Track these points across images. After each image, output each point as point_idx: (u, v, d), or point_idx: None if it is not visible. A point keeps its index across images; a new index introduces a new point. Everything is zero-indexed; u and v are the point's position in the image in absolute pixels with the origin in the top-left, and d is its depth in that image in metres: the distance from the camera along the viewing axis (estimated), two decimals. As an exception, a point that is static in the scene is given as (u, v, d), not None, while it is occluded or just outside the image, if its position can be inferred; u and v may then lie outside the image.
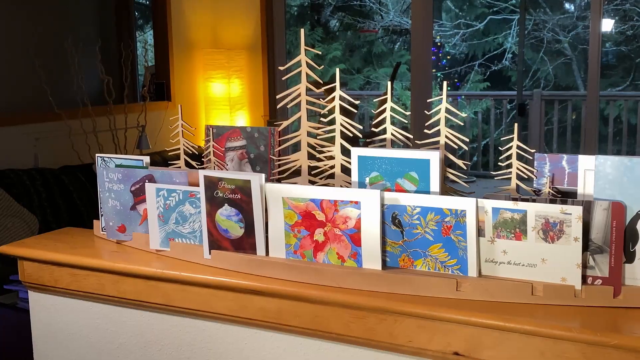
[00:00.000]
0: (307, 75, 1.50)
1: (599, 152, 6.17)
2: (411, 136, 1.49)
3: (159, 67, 4.98)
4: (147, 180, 1.56)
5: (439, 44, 10.00)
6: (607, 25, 8.72)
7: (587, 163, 1.29)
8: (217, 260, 1.46)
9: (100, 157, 1.67)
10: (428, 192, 1.34)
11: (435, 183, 1.34)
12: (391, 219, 1.33)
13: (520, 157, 1.37)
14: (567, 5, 9.69)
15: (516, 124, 1.46)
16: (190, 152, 1.64)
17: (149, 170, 1.57)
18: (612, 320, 1.15)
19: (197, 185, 1.47)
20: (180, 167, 1.65)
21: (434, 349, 1.24)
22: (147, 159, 1.61)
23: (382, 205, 1.32)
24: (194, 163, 1.63)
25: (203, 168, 1.60)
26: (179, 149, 1.64)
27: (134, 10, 5.27)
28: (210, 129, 1.66)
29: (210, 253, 1.47)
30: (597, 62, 4.76)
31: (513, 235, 1.25)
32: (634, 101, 7.65)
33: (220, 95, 5.16)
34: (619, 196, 1.20)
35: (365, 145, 1.64)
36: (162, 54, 4.97)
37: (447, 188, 1.43)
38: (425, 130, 1.50)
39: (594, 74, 4.81)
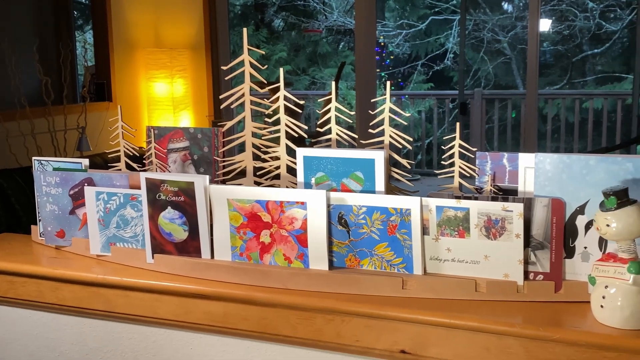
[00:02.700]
0: (251, 75, 1.48)
1: (539, 150, 6.33)
2: (356, 136, 1.50)
3: (99, 67, 4.88)
4: (86, 184, 1.52)
5: (382, 44, 10.09)
6: (545, 25, 8.97)
7: (527, 161, 1.31)
8: (161, 264, 1.43)
9: (37, 160, 1.61)
10: (373, 192, 1.35)
11: (380, 182, 1.35)
12: (337, 219, 1.32)
13: (462, 156, 1.39)
14: (505, 6, 9.91)
15: (458, 124, 1.48)
16: (131, 154, 1.60)
17: (88, 173, 1.53)
18: (553, 315, 1.17)
19: (139, 188, 1.44)
20: (120, 170, 1.61)
21: (381, 347, 1.25)
22: (86, 162, 1.57)
23: (328, 205, 1.32)
24: (135, 165, 1.60)
25: (144, 170, 1.57)
26: (119, 151, 1.60)
27: (73, 10, 5.14)
28: (152, 130, 1.63)
29: (153, 257, 1.44)
30: (535, 62, 4.88)
31: (457, 232, 1.26)
32: (572, 99, 7.88)
33: (163, 95, 5.08)
34: (558, 193, 1.23)
35: (311, 145, 1.64)
36: (102, 54, 4.86)
37: (392, 187, 1.44)
38: (370, 130, 1.51)
39: (532, 73, 4.93)
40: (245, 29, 1.49)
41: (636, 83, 6.50)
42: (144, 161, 1.64)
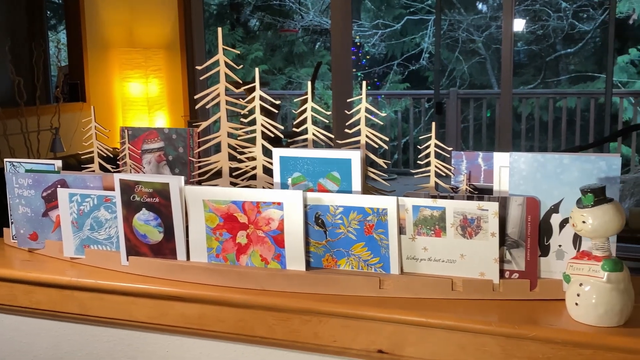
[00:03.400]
0: (227, 75, 1.47)
1: (513, 149, 6.39)
2: (332, 136, 1.50)
3: (73, 67, 4.82)
4: (59, 186, 1.50)
5: (358, 43, 10.12)
6: (519, 25, 9.06)
7: (501, 160, 1.32)
8: (136, 266, 1.42)
9: (9, 162, 1.59)
10: (350, 192, 1.35)
11: (357, 182, 1.35)
12: (314, 219, 1.32)
13: (438, 156, 1.39)
14: (480, 6, 9.99)
15: (434, 123, 1.48)
16: (105, 155, 1.58)
17: (61, 175, 1.51)
18: (529, 313, 1.18)
19: (113, 189, 1.42)
20: (94, 171, 1.59)
21: (358, 347, 1.25)
22: (59, 163, 1.55)
23: (305, 205, 1.31)
24: (108, 166, 1.58)
25: (119, 171, 1.56)
26: (92, 152, 1.58)
27: (46, 9, 5.07)
28: (126, 130, 1.61)
29: (128, 259, 1.43)
30: (509, 61, 4.93)
31: (433, 232, 1.26)
32: (545, 98, 7.96)
33: (138, 95, 5.04)
34: (533, 191, 1.24)
35: (288, 145, 1.63)
36: (75, 54, 4.81)
37: (369, 187, 1.44)
38: (347, 130, 1.51)
39: (507, 73, 4.97)
40: (220, 29, 1.48)
41: (608, 82, 6.59)
42: (117, 162, 1.62)
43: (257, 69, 1.48)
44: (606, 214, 1.10)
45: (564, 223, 1.22)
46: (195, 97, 1.52)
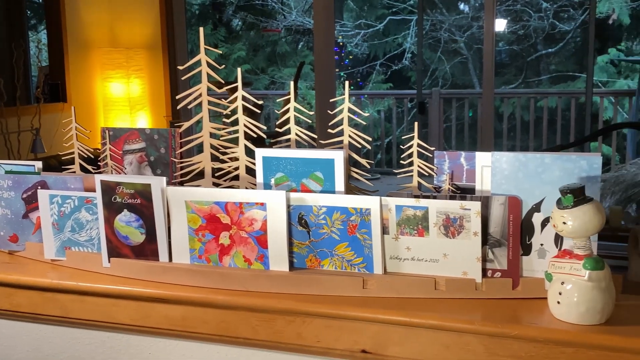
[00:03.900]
0: (209, 75, 1.47)
1: (495, 148, 6.43)
2: (315, 136, 1.49)
3: (54, 67, 4.78)
4: (39, 187, 1.48)
5: (341, 43, 10.12)
6: (500, 25, 9.11)
7: (484, 160, 1.32)
8: (117, 268, 1.41)
9: (-12, 163, 1.57)
10: (333, 192, 1.34)
11: (340, 182, 1.34)
12: (297, 219, 1.32)
13: (420, 155, 1.39)
14: (462, 6, 10.04)
15: (416, 123, 1.48)
16: (86, 156, 1.57)
17: (42, 176, 1.50)
18: (511, 312, 1.19)
19: (94, 190, 1.41)
20: (75, 172, 1.57)
21: (341, 347, 1.25)
22: (39, 164, 1.53)
23: (288, 206, 1.31)
24: (89, 167, 1.57)
25: (100, 172, 1.54)
26: (73, 153, 1.57)
27: (26, 9, 5.02)
28: (107, 131, 1.60)
29: (109, 261, 1.42)
30: (491, 61, 4.95)
31: (416, 231, 1.27)
32: (527, 98, 8.02)
33: (120, 95, 5.01)
34: (514, 191, 1.25)
35: (271, 145, 1.63)
36: (56, 54, 4.77)
37: (352, 187, 1.44)
38: (330, 130, 1.50)
39: (488, 73, 5.00)
40: (202, 28, 1.47)
41: (589, 82, 6.65)
42: (99, 163, 1.60)
43: (239, 69, 1.47)
44: (586, 214, 1.11)
45: (545, 222, 1.23)
46: (177, 97, 1.51)
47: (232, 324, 1.31)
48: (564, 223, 1.12)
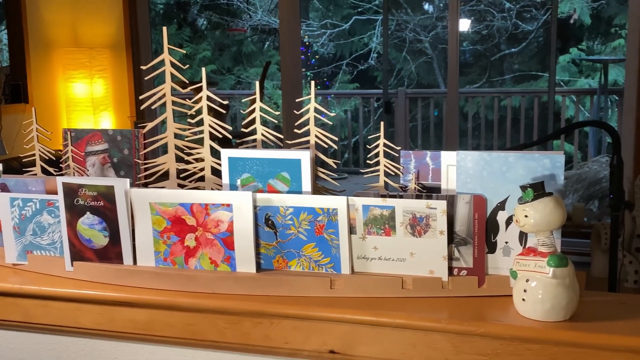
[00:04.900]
0: (173, 75, 1.45)
1: (460, 147, 6.49)
2: (281, 136, 1.49)
3: (15, 67, 4.69)
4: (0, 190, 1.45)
5: (307, 43, 10.12)
6: (464, 25, 9.21)
7: (449, 159, 1.33)
8: (81, 272, 1.38)
9: (-54, 166, 1.53)
10: (300, 192, 1.34)
11: (307, 183, 1.34)
12: (264, 220, 1.31)
13: (387, 155, 1.40)
14: (426, 6, 10.11)
15: (382, 123, 1.49)
16: (47, 158, 1.54)
17: (2, 179, 1.46)
18: (477, 309, 1.19)
19: (56, 193, 1.38)
20: (36, 174, 1.54)
21: (310, 348, 1.24)
22: (-1, 167, 1.50)
23: (255, 207, 1.30)
24: (51, 169, 1.54)
25: (62, 174, 1.51)
26: (34, 155, 1.54)
27: (-16, 7, 4.92)
28: (69, 132, 1.57)
29: (72, 265, 1.39)
30: (455, 61, 5.00)
31: (383, 231, 1.27)
32: (491, 97, 8.11)
33: (83, 96, 4.93)
34: (479, 189, 1.26)
35: (237, 146, 1.62)
36: (17, 54, 4.67)
37: (319, 187, 1.44)
38: (296, 130, 1.50)
39: (453, 72, 5.05)
40: (165, 28, 1.45)
41: (551, 81, 6.76)
42: (60, 165, 1.57)
43: (203, 69, 1.46)
44: (547, 206, 1.13)
45: (510, 220, 1.24)
46: (141, 97, 1.49)
47: (199, 326, 1.29)
48: (526, 217, 1.13)
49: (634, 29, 3.96)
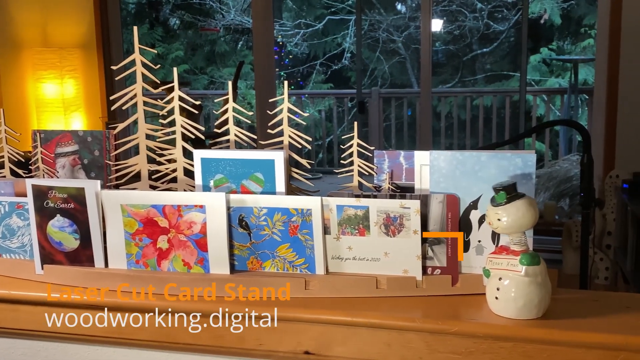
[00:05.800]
0: (144, 75, 1.43)
1: (433, 146, 6.53)
2: (255, 136, 1.48)
3: (-18, 67, 4.60)
4: (-34, 193, 1.42)
5: (280, 43, 10.10)
6: (437, 25, 9.26)
7: (422, 158, 1.34)
8: (51, 275, 1.36)
9: None
10: (274, 193, 1.33)
11: (280, 183, 1.33)
12: (238, 221, 1.30)
13: (361, 155, 1.40)
14: (399, 7, 10.16)
15: (356, 123, 1.48)
16: (16, 160, 1.51)
17: (-31, 181, 1.43)
18: (451, 308, 1.20)
19: (25, 195, 1.36)
20: (5, 177, 1.52)
21: (284, 350, 1.24)
22: (-34, 169, 1.47)
23: (228, 208, 1.29)
24: (20, 171, 1.51)
25: (31, 176, 1.49)
26: (2, 156, 1.51)
27: (-50, 6, 4.82)
28: (38, 133, 1.54)
29: (42, 268, 1.37)
30: (428, 61, 5.03)
31: (357, 231, 1.27)
32: (463, 97, 8.16)
33: (53, 96, 4.86)
34: (452, 189, 1.26)
35: (210, 146, 1.60)
36: (-16, 54, 4.59)
37: (293, 188, 1.43)
38: (269, 130, 1.49)
39: (426, 72, 5.07)
40: (135, 28, 1.44)
41: (522, 80, 6.83)
42: (30, 167, 1.55)
43: (175, 69, 1.44)
44: (519, 209, 1.13)
45: (482, 219, 1.25)
46: (111, 97, 1.47)
47: (172, 329, 1.28)
48: (499, 220, 1.14)
49: (603, 29, 4.01)
